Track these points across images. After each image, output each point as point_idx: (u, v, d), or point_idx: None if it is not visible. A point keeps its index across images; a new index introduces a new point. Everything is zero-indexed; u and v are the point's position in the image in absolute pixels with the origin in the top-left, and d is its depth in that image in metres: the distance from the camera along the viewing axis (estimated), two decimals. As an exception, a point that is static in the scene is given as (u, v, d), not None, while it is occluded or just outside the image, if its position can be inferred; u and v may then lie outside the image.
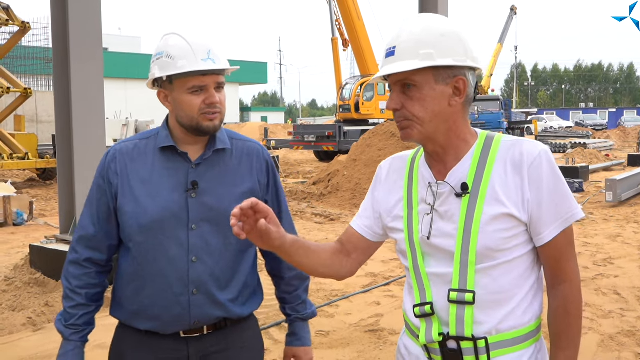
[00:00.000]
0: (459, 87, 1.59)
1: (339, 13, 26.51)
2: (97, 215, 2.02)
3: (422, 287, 1.66)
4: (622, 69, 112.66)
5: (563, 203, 1.59)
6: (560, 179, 1.59)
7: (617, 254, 7.82)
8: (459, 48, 1.58)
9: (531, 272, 1.65)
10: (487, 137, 1.66)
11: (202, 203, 1.95)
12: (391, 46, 1.61)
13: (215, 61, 1.91)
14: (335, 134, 23.15)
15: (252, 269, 2.10)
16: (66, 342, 2.02)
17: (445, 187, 1.63)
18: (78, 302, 2.02)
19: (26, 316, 5.32)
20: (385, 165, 1.82)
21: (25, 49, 21.76)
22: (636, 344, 4.72)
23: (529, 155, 1.58)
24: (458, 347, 1.60)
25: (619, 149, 29.14)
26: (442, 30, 1.58)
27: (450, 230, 1.61)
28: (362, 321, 5.31)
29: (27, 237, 9.25)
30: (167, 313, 1.94)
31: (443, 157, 1.65)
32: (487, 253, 1.58)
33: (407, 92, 1.59)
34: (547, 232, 1.59)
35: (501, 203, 1.57)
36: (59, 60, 6.12)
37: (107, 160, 2.02)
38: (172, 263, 1.94)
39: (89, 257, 2.03)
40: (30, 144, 15.64)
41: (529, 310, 1.63)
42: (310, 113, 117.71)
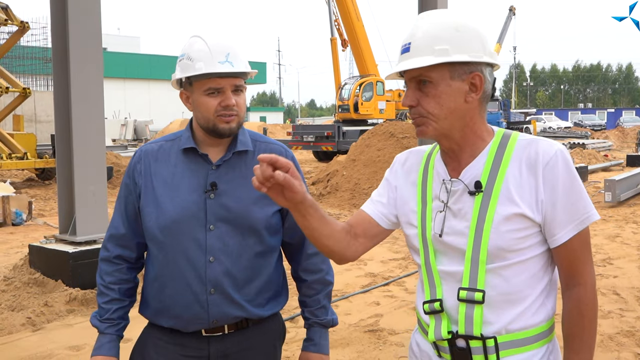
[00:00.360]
0: (475, 83, 1.57)
1: (338, 13, 26.52)
2: (126, 214, 2.07)
3: (432, 284, 1.66)
4: (620, 69, 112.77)
5: (578, 204, 1.56)
6: (576, 180, 1.56)
7: (616, 254, 7.82)
8: (475, 43, 1.56)
9: (544, 273, 1.62)
10: (504, 135, 1.63)
11: (221, 204, 1.97)
12: (406, 42, 1.59)
13: (233, 64, 1.92)
14: (334, 134, 23.14)
15: (275, 271, 2.09)
16: (102, 336, 2.07)
17: (459, 184, 1.61)
18: (112, 297, 2.07)
19: (25, 316, 5.32)
20: (402, 157, 1.81)
21: (24, 48, 21.75)
22: (635, 344, 4.73)
23: (544, 155, 1.55)
24: (467, 346, 1.59)
25: (617, 149, 29.16)
26: (458, 25, 1.55)
27: (462, 228, 1.59)
28: (361, 321, 5.31)
29: (26, 237, 9.25)
30: (187, 312, 1.97)
31: (458, 154, 1.63)
32: (499, 253, 1.56)
33: (422, 88, 1.57)
34: (561, 234, 1.56)
35: (514, 203, 1.55)
36: (59, 60, 6.11)
37: (134, 160, 2.07)
38: (190, 263, 1.96)
39: (119, 254, 2.09)
40: (29, 143, 15.62)
41: (541, 310, 1.61)
42: (309, 113, 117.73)
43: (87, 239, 6.05)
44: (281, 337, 2.20)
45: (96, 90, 6.12)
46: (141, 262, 2.14)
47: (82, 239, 6.03)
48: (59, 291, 5.74)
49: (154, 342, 2.06)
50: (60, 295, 5.66)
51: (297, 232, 2.10)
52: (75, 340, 4.86)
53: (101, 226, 6.20)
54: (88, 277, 5.86)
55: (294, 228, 2.09)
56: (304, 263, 2.16)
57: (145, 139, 39.69)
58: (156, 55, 59.53)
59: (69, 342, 4.83)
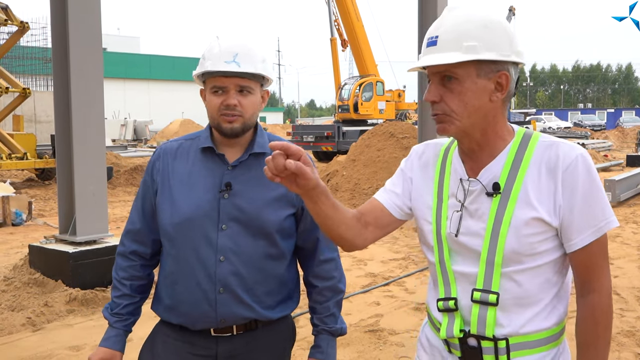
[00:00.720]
0: (501, 83, 1.52)
1: (337, 13, 26.53)
2: (143, 210, 2.11)
3: (447, 282, 1.63)
4: (620, 69, 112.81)
5: (597, 210, 1.52)
6: (596, 185, 1.52)
7: (616, 254, 7.82)
8: (504, 41, 1.51)
9: (558, 278, 1.60)
10: (525, 136, 1.59)
11: (234, 204, 1.98)
12: (433, 35, 1.54)
13: (240, 65, 1.94)
14: (334, 134, 23.15)
15: (287, 274, 2.09)
16: (110, 329, 2.12)
17: (477, 184, 1.58)
18: (123, 292, 2.12)
19: (25, 316, 5.31)
20: (419, 149, 1.77)
21: (24, 48, 21.74)
22: (636, 344, 4.73)
23: (565, 158, 1.51)
24: (478, 345, 1.58)
25: (617, 149, 29.16)
26: (487, 22, 1.51)
27: (478, 229, 1.57)
28: (361, 321, 5.31)
29: (25, 237, 9.25)
30: (195, 309, 1.99)
31: (478, 153, 1.59)
32: (514, 257, 1.53)
33: (446, 84, 1.53)
34: (579, 239, 1.53)
35: (532, 207, 1.51)
36: (59, 60, 6.11)
37: (154, 158, 2.11)
38: (200, 261, 1.98)
39: (135, 249, 2.12)
40: (29, 144, 15.61)
41: (553, 313, 1.59)
42: (308, 113, 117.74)
43: (87, 239, 6.05)
44: (291, 340, 2.19)
45: (96, 90, 6.12)
46: (156, 259, 2.16)
47: (82, 239, 6.02)
48: (59, 291, 5.74)
49: (163, 339, 2.08)
50: (60, 295, 5.66)
51: (311, 237, 2.11)
52: (75, 340, 4.86)
53: (101, 226, 6.20)
54: (88, 277, 5.86)
55: (308, 233, 2.10)
56: (316, 269, 2.15)
57: (145, 139, 39.68)
58: (156, 56, 59.53)
59: (69, 342, 4.83)
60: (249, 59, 1.95)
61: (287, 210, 2.04)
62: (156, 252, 2.15)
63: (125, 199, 14.01)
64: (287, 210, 2.04)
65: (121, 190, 15.19)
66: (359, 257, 7.67)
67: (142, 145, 35.81)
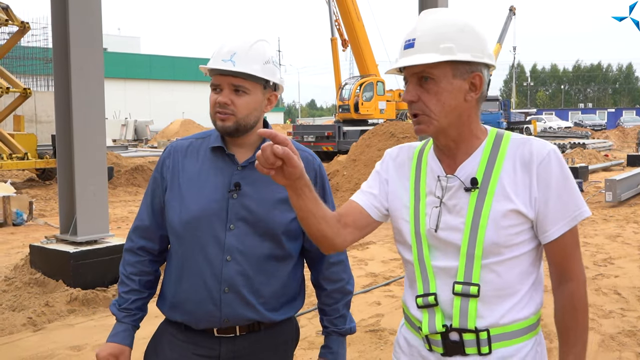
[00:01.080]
0: (475, 83, 1.60)
1: (338, 13, 26.53)
2: (152, 207, 2.11)
3: (425, 278, 1.67)
4: (621, 69, 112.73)
5: (571, 201, 1.60)
6: (568, 178, 1.60)
7: (617, 254, 7.82)
8: (478, 44, 1.59)
9: (533, 268, 1.66)
10: (497, 134, 1.67)
11: (242, 205, 1.98)
12: (410, 38, 1.60)
13: (235, 64, 1.94)
14: (334, 134, 23.15)
15: (293, 277, 2.09)
16: (118, 324, 2.11)
17: (455, 181, 1.64)
18: (131, 287, 2.12)
19: (26, 316, 5.31)
20: (393, 152, 1.82)
21: (25, 49, 21.78)
22: (637, 344, 4.72)
23: (538, 154, 1.60)
24: (460, 339, 1.62)
25: (618, 149, 29.17)
26: (463, 25, 1.59)
27: (457, 224, 1.62)
28: (362, 321, 5.31)
29: (26, 237, 9.25)
30: (199, 308, 1.99)
31: (454, 151, 1.66)
32: (494, 248, 1.59)
33: (423, 84, 1.59)
34: (553, 230, 1.60)
35: (509, 200, 1.58)
36: (59, 60, 6.11)
37: (164, 155, 2.11)
38: (207, 260, 1.98)
39: (143, 245, 2.13)
40: (30, 144, 15.62)
41: (530, 304, 1.65)
42: (309, 113, 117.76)
43: (87, 239, 6.05)
44: (294, 342, 2.19)
45: (97, 90, 6.12)
46: (164, 256, 2.17)
47: (83, 239, 6.03)
48: (59, 291, 5.74)
49: (168, 338, 2.08)
50: (61, 295, 5.66)
51: None
52: (76, 340, 4.86)
53: (102, 226, 6.21)
54: (89, 277, 5.86)
55: None
56: (325, 272, 2.15)
57: (145, 139, 39.69)
58: (156, 56, 59.56)
59: (69, 342, 4.83)
60: (246, 59, 1.95)
61: (294, 212, 2.03)
62: (164, 249, 2.15)
63: (125, 199, 14.01)
64: (294, 212, 2.03)
65: (122, 191, 15.19)
66: (360, 257, 7.68)
67: (143, 145, 35.84)
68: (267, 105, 2.05)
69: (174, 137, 35.73)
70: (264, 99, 2.03)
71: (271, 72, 2.01)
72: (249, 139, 2.04)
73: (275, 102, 2.09)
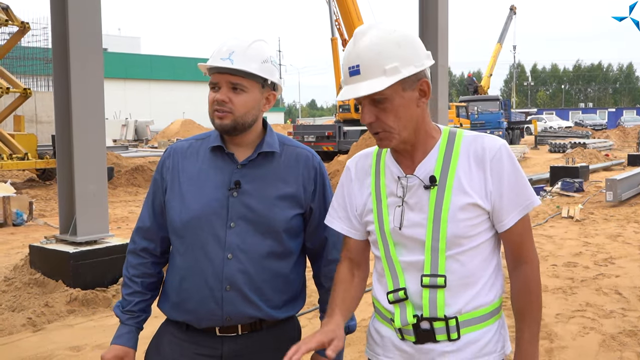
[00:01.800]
0: (423, 89, 1.68)
1: (338, 13, 26.51)
2: (153, 208, 2.13)
3: (394, 274, 1.76)
4: (621, 69, 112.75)
5: (522, 193, 1.71)
6: (519, 171, 1.72)
7: (617, 254, 7.81)
8: (416, 52, 1.65)
9: (493, 256, 1.78)
10: (450, 133, 1.76)
11: (243, 203, 1.99)
12: (354, 65, 1.64)
13: (233, 62, 1.94)
14: (334, 134, 23.16)
15: (293, 274, 2.10)
16: (122, 326, 2.12)
17: (414, 180, 1.72)
18: (135, 289, 2.13)
19: (26, 316, 5.31)
20: (352, 164, 1.90)
21: (25, 49, 21.80)
22: (638, 344, 4.71)
23: (490, 150, 1.70)
24: (431, 327, 1.72)
25: (618, 148, 29.16)
26: (397, 39, 1.63)
27: (420, 220, 1.71)
28: (362, 321, 5.29)
29: (26, 238, 9.25)
30: (201, 307, 1.99)
31: (412, 153, 1.75)
32: (456, 240, 1.70)
33: (378, 105, 1.65)
34: (508, 219, 1.71)
35: (467, 194, 1.69)
36: (59, 61, 6.10)
37: (164, 156, 2.13)
38: (209, 259, 1.99)
39: (145, 247, 2.14)
40: (30, 144, 15.63)
41: (492, 289, 1.76)
42: (309, 113, 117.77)
43: (87, 240, 6.04)
44: (296, 341, 2.17)
45: (96, 90, 6.11)
46: (166, 257, 2.17)
47: (83, 239, 6.02)
48: (59, 291, 5.74)
49: (170, 338, 2.08)
50: (60, 295, 5.66)
51: (318, 237, 2.12)
52: (75, 340, 4.86)
53: (102, 226, 6.20)
54: (89, 277, 5.86)
55: (315, 233, 2.12)
56: (324, 269, 2.16)
57: (146, 139, 39.72)
58: (157, 56, 59.60)
59: (69, 342, 4.83)
60: (244, 58, 1.95)
61: (295, 209, 2.05)
62: (166, 250, 2.16)
63: (126, 199, 14.01)
64: (295, 209, 2.05)
65: (122, 191, 15.20)
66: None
67: (143, 145, 35.86)
68: (265, 105, 2.05)
69: (174, 137, 35.76)
70: (262, 98, 2.03)
71: (269, 71, 2.01)
72: (247, 137, 2.04)
73: (274, 101, 2.09)
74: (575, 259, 7.60)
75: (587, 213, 10.97)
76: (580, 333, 4.94)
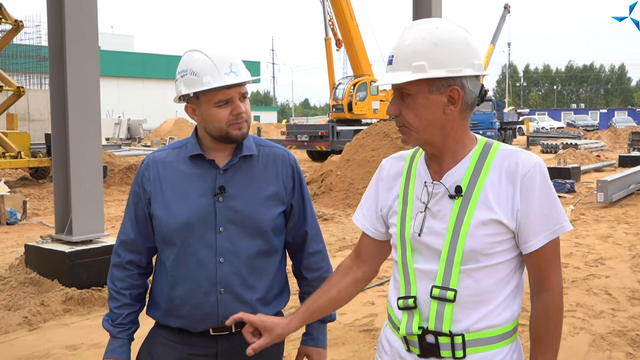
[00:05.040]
0: (453, 97, 1.63)
1: (332, 13, 26.53)
2: (136, 220, 2.13)
3: (408, 281, 1.73)
4: (613, 70, 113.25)
5: (552, 215, 1.64)
6: (551, 192, 1.65)
7: (608, 255, 7.89)
8: (455, 57, 1.60)
9: (513, 276, 1.70)
10: (486, 144, 1.71)
11: (229, 207, 2.04)
12: (391, 54, 1.66)
13: (237, 74, 1.99)
14: (328, 134, 23.18)
15: (279, 270, 2.17)
16: (114, 340, 2.13)
17: (440, 187, 1.69)
18: (123, 302, 2.14)
19: (22, 315, 5.33)
20: (387, 164, 1.89)
21: (18, 47, 21.65)
22: (627, 344, 4.78)
23: (523, 166, 1.63)
24: (436, 342, 1.67)
25: (610, 149, 29.30)
26: (437, 40, 1.60)
27: (440, 229, 1.67)
28: (356, 321, 5.35)
29: (20, 237, 9.24)
30: (196, 312, 2.03)
31: (440, 158, 1.71)
32: (473, 255, 1.64)
33: (404, 99, 1.65)
34: (534, 241, 1.64)
35: (491, 209, 1.63)
36: (55, 59, 6.11)
37: (142, 168, 2.13)
38: (200, 264, 2.03)
39: (131, 259, 2.14)
40: (23, 142, 15.58)
41: (507, 311, 1.68)
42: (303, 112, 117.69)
43: (83, 239, 6.07)
44: None
45: (92, 89, 6.12)
46: (151, 267, 2.20)
47: (78, 238, 6.04)
48: (55, 291, 5.76)
49: (161, 341, 2.12)
50: (56, 294, 5.68)
51: (299, 232, 2.20)
52: (71, 339, 4.89)
53: (97, 226, 6.22)
54: (84, 276, 5.88)
55: (297, 228, 2.19)
56: (305, 261, 2.23)
57: (139, 138, 39.58)
58: (150, 54, 59.36)
59: (65, 341, 4.86)
60: (240, 66, 2.02)
61: (278, 207, 2.11)
62: (150, 261, 2.19)
63: (120, 198, 14.00)
64: (279, 207, 2.11)
65: (115, 190, 15.18)
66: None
67: (136, 144, 35.75)
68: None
69: (167, 136, 35.67)
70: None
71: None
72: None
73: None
74: (566, 259, 7.67)
75: (578, 214, 11.06)
76: (570, 333, 5.01)
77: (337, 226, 10.22)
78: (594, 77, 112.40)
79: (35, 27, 20.84)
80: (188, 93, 1.99)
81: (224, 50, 2.02)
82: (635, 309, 5.67)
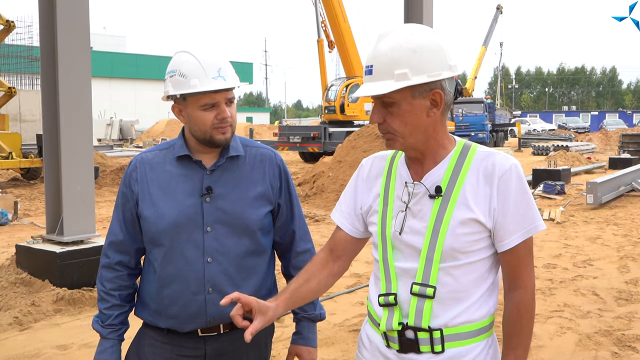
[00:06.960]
0: (435, 100, 1.67)
1: (324, 15, 26.57)
2: (124, 221, 2.15)
3: (388, 278, 1.77)
4: (604, 72, 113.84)
5: (527, 215, 1.69)
6: (527, 193, 1.70)
7: (596, 256, 7.96)
8: (433, 62, 1.63)
9: (489, 274, 1.76)
10: (464, 146, 1.76)
11: (217, 207, 2.06)
12: (369, 64, 1.68)
13: (225, 79, 2.01)
14: (320, 135, 23.22)
15: (268, 270, 2.20)
16: (104, 341, 2.15)
17: (421, 187, 1.73)
18: (113, 303, 2.15)
19: (12, 316, 5.33)
20: (367, 164, 1.92)
21: (9, 47, 21.56)
22: (613, 343, 4.84)
23: (500, 167, 1.68)
24: (415, 337, 1.71)
25: (600, 152, 29.46)
26: (415, 46, 1.62)
27: (420, 228, 1.72)
28: (346, 321, 5.39)
29: (11, 237, 9.23)
30: (185, 311, 2.06)
31: (421, 160, 1.75)
32: (452, 253, 1.69)
33: (387, 107, 1.68)
34: (509, 240, 1.70)
35: (470, 209, 1.68)
36: (47, 59, 6.11)
37: (130, 169, 2.15)
38: (189, 264, 2.05)
39: (120, 260, 2.16)
40: (14, 143, 15.52)
41: (483, 307, 1.74)
42: (295, 114, 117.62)
43: (74, 239, 6.07)
44: (271, 334, 2.29)
45: (84, 89, 6.12)
46: (139, 268, 2.21)
47: (70, 239, 6.05)
48: (46, 291, 5.77)
49: (150, 342, 2.13)
50: (47, 295, 5.68)
51: (287, 231, 2.22)
52: (62, 339, 4.90)
53: (88, 226, 6.23)
54: (75, 277, 5.89)
55: (285, 227, 2.22)
56: (293, 261, 2.26)
57: (131, 138, 39.50)
58: (142, 55, 59.26)
59: (56, 341, 4.87)
60: (229, 71, 2.04)
61: (266, 207, 2.14)
62: (139, 262, 2.21)
63: (111, 199, 13.97)
64: (266, 207, 2.14)
65: (107, 190, 15.15)
66: (344, 257, 7.73)
67: (128, 145, 35.66)
68: None
69: (159, 137, 35.61)
70: None
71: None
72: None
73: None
74: (555, 260, 7.74)
75: (568, 215, 11.13)
76: (557, 333, 5.07)
77: (328, 227, 10.23)
78: (586, 79, 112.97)
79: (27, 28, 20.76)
80: (175, 94, 2.02)
81: (213, 54, 2.04)
82: (621, 309, 5.73)
